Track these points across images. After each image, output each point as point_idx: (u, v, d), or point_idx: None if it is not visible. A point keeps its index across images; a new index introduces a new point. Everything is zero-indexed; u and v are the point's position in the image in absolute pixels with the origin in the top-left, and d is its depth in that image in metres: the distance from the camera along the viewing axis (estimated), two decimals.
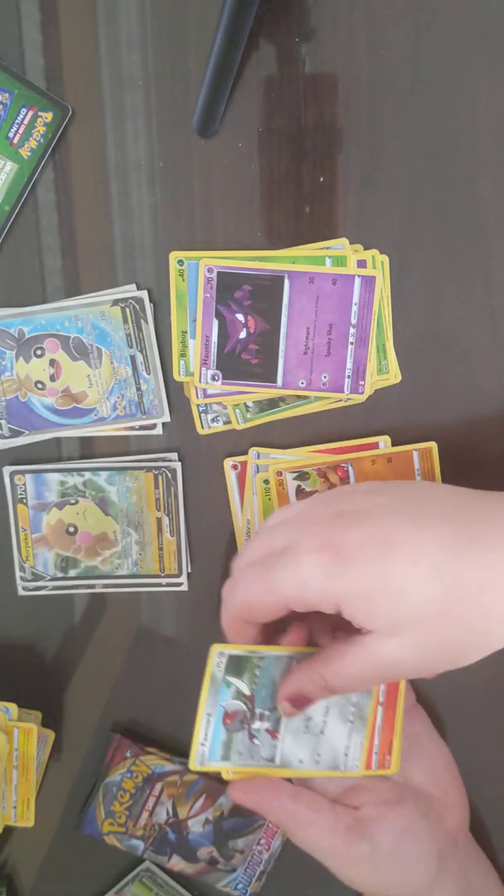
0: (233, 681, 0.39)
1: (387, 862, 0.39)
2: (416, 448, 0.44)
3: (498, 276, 0.43)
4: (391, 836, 0.39)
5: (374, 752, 0.41)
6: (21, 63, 0.42)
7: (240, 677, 0.39)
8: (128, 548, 0.46)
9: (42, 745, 0.47)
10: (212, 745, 0.39)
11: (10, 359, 0.44)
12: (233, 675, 0.39)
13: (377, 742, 0.41)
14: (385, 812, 0.40)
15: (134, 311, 0.44)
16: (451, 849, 0.41)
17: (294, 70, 0.42)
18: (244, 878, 0.48)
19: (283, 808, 0.38)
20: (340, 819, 0.39)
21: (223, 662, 0.39)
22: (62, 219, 0.44)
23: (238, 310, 0.42)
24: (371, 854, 0.38)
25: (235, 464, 0.45)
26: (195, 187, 0.43)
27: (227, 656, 0.39)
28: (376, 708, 0.41)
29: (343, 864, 0.39)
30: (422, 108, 0.42)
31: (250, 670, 0.39)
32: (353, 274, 0.42)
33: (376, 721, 0.41)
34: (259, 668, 0.39)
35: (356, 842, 0.38)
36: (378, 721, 0.41)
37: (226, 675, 0.39)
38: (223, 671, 0.39)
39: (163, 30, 0.42)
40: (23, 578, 0.46)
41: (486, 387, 0.45)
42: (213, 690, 0.39)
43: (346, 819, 0.39)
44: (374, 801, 0.40)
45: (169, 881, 0.49)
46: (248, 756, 0.39)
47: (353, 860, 0.38)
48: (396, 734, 0.41)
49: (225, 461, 0.45)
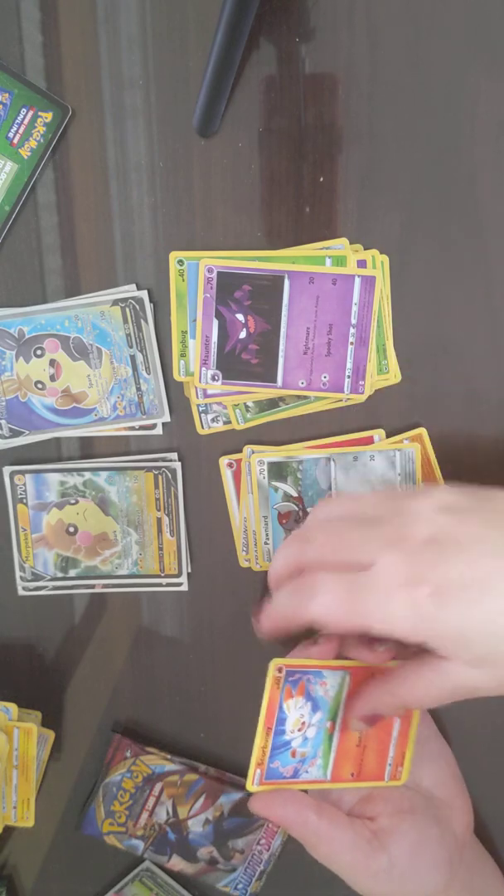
0: (279, 485, 0.38)
1: (404, 873, 0.39)
2: (407, 436, 0.44)
3: (498, 276, 0.43)
4: (408, 846, 0.39)
5: (389, 763, 0.41)
6: (21, 63, 0.42)
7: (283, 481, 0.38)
8: (128, 548, 0.46)
9: (42, 745, 0.47)
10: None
11: (10, 359, 0.44)
12: (276, 480, 0.38)
13: (392, 754, 0.41)
14: (400, 822, 0.40)
15: (134, 311, 0.44)
16: (459, 854, 0.41)
17: (294, 70, 0.42)
18: (244, 878, 0.48)
19: (307, 825, 0.38)
20: (360, 833, 0.39)
21: (264, 470, 0.38)
22: (62, 219, 0.44)
23: (238, 310, 0.42)
24: (389, 866, 0.38)
25: (231, 462, 0.45)
26: (195, 187, 0.43)
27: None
28: (393, 721, 0.41)
29: (362, 878, 0.39)
30: (422, 108, 0.42)
31: (292, 474, 0.38)
32: (353, 274, 0.42)
33: (393, 733, 0.41)
34: (300, 472, 0.38)
35: (376, 855, 0.38)
36: (395, 733, 0.41)
37: (270, 482, 0.38)
38: (266, 478, 0.38)
39: (163, 30, 0.42)
40: (23, 578, 0.46)
41: (486, 387, 0.45)
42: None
43: (365, 833, 0.39)
44: (389, 812, 0.40)
45: (169, 881, 0.49)
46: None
47: (373, 873, 0.38)
48: (410, 746, 0.41)
49: (220, 459, 0.45)
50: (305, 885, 0.49)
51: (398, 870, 0.39)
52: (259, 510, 0.44)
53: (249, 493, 0.45)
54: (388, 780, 0.41)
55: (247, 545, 0.46)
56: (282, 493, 0.39)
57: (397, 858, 0.39)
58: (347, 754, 0.40)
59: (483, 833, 0.47)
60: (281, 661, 0.37)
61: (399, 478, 0.44)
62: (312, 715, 0.39)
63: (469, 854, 0.43)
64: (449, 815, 0.42)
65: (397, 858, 0.39)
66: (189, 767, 0.48)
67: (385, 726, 0.40)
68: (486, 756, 0.48)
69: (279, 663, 0.37)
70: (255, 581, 0.46)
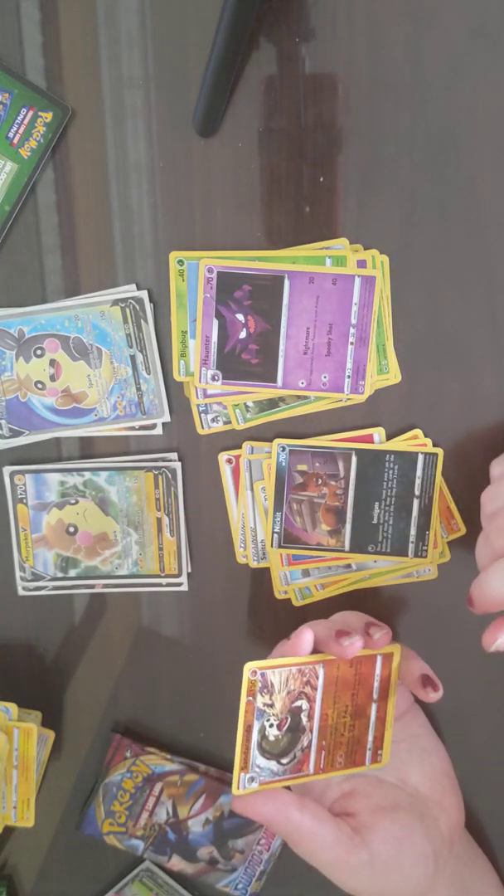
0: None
1: (385, 869, 0.39)
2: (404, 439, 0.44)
3: (498, 275, 0.43)
4: (389, 843, 0.39)
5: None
6: (21, 63, 0.42)
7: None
8: (128, 548, 0.46)
9: (42, 745, 0.47)
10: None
11: (10, 359, 0.44)
12: None
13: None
14: (381, 818, 0.40)
15: (134, 311, 0.44)
16: (446, 851, 0.41)
17: (294, 70, 0.42)
18: (244, 878, 0.48)
19: (289, 821, 0.38)
20: (342, 829, 0.39)
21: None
22: (62, 219, 0.44)
23: (238, 310, 0.42)
24: (370, 862, 0.38)
25: (230, 458, 0.45)
26: (195, 187, 0.43)
27: None
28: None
29: (343, 874, 0.39)
30: (422, 108, 0.42)
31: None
32: (353, 274, 0.42)
33: (371, 716, 0.41)
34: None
35: (356, 851, 0.38)
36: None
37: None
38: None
39: (163, 30, 0.42)
40: (23, 578, 0.46)
41: (486, 387, 0.45)
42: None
43: (346, 829, 0.39)
44: (370, 808, 0.40)
45: (169, 881, 0.49)
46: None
47: (354, 869, 0.38)
48: (388, 726, 0.41)
49: (220, 455, 0.45)
50: (305, 885, 0.49)
51: (379, 865, 0.39)
52: (260, 504, 0.44)
53: (248, 490, 0.45)
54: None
55: (244, 542, 0.46)
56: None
57: (378, 854, 0.39)
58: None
59: (479, 831, 0.47)
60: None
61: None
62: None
63: (461, 850, 0.43)
64: (437, 813, 0.42)
65: (378, 854, 0.39)
66: (189, 767, 0.48)
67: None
68: (483, 755, 0.48)
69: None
70: (254, 579, 0.46)
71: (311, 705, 0.40)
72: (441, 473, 0.44)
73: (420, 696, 0.40)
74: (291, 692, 0.39)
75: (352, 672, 0.40)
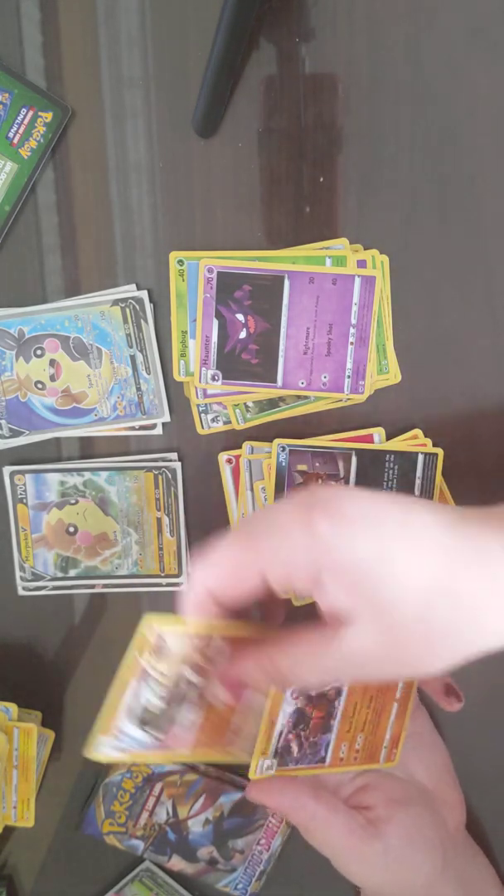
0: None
1: (397, 861, 0.39)
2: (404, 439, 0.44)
3: (498, 275, 0.43)
4: (403, 835, 0.40)
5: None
6: (21, 63, 0.42)
7: None
8: (128, 548, 0.46)
9: (42, 745, 0.47)
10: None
11: (10, 359, 0.44)
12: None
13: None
14: (395, 811, 0.41)
15: (134, 311, 0.44)
16: (452, 847, 0.42)
17: (294, 70, 0.42)
18: (244, 878, 0.48)
19: (305, 809, 0.39)
20: (356, 820, 0.40)
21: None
22: (62, 219, 0.44)
23: (238, 310, 0.42)
24: (384, 852, 0.39)
25: (230, 458, 0.45)
26: (195, 187, 0.43)
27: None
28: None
29: (356, 864, 0.39)
30: (422, 108, 0.42)
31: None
32: (353, 274, 0.42)
33: (391, 716, 0.41)
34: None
35: (371, 841, 0.39)
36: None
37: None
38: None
39: (163, 30, 0.42)
40: (23, 578, 0.46)
41: (486, 387, 0.45)
42: None
43: (361, 820, 0.40)
44: (385, 801, 0.41)
45: (169, 881, 0.49)
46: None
47: (367, 859, 0.39)
48: (404, 728, 0.42)
49: (220, 455, 0.45)
50: (305, 885, 0.49)
51: (392, 856, 0.39)
52: (260, 504, 0.44)
53: (248, 490, 0.45)
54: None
55: None
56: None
57: (392, 845, 0.39)
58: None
59: (479, 831, 0.47)
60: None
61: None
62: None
63: (462, 849, 0.43)
64: (442, 808, 0.42)
65: (392, 845, 0.39)
66: (189, 767, 0.48)
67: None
68: (482, 754, 0.48)
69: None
70: None
71: (204, 682, 0.35)
72: (441, 473, 0.44)
73: (442, 705, 0.41)
74: (187, 661, 0.35)
75: None
